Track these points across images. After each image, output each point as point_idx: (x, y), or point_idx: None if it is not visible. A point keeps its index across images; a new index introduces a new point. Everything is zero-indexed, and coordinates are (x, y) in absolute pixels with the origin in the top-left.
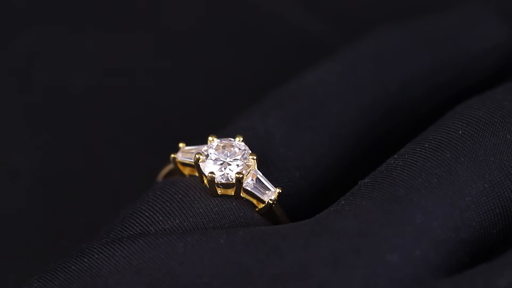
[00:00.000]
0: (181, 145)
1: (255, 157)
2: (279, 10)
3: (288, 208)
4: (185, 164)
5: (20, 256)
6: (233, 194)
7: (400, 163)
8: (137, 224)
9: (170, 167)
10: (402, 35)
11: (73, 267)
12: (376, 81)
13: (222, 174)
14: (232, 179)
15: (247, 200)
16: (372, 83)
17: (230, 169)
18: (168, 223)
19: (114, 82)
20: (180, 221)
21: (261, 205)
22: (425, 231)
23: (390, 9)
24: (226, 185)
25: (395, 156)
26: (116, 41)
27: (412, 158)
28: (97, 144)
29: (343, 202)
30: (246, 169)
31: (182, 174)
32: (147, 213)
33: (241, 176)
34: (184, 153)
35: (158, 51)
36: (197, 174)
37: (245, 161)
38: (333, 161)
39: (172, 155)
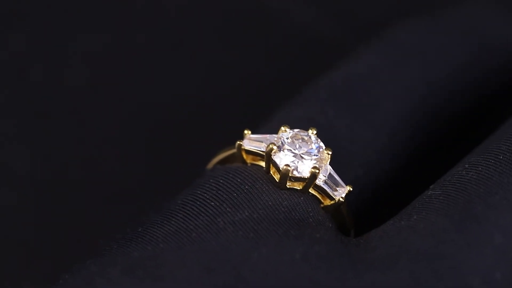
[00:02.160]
0: (246, 132)
1: (330, 152)
2: (281, 9)
3: (350, 207)
4: (250, 152)
5: (19, 256)
6: (300, 188)
7: (474, 176)
8: (202, 214)
9: (225, 154)
10: (432, 28)
11: (135, 253)
12: (423, 74)
13: (295, 168)
14: (306, 173)
15: (313, 195)
16: (418, 77)
17: (303, 163)
18: (237, 215)
19: (113, 81)
20: (250, 213)
21: (328, 202)
22: (505, 253)
23: (394, 9)
24: (298, 179)
25: (466, 165)
26: (116, 40)
27: (486, 172)
28: (96, 143)
29: (415, 217)
30: (320, 164)
31: (243, 162)
32: (212, 203)
33: (317, 171)
34: (251, 141)
35: (157, 50)
36: (260, 163)
37: (319, 155)
38: (391, 159)
39: (238, 142)
